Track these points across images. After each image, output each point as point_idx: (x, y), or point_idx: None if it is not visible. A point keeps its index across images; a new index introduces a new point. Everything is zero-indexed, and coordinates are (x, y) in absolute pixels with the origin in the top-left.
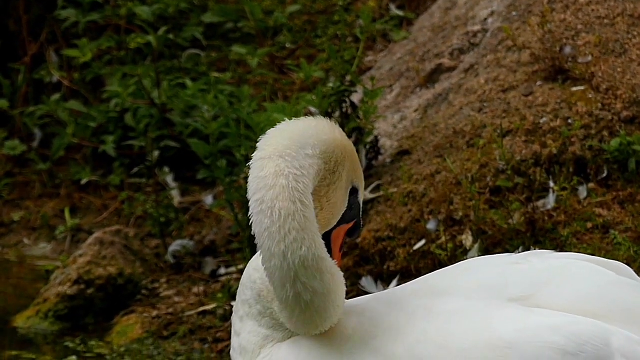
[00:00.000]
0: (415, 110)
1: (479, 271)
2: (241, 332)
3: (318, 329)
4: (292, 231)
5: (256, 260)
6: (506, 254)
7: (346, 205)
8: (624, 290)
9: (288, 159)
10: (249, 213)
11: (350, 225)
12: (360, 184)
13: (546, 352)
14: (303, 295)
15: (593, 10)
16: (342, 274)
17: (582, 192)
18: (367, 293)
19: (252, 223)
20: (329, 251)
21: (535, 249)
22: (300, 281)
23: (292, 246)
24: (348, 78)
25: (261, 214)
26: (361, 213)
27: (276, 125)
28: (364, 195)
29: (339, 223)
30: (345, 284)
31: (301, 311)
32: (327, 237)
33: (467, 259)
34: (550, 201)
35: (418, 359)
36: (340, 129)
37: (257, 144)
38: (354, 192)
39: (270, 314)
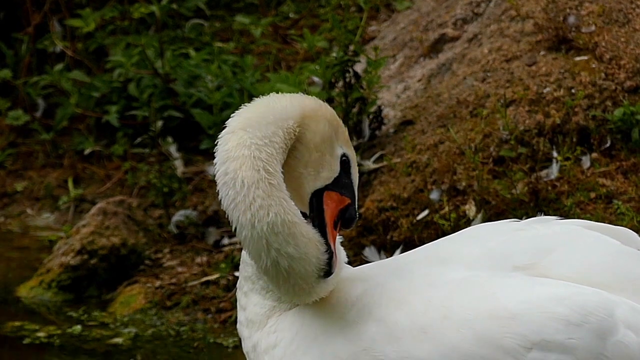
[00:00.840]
0: (419, 80)
1: (484, 239)
2: (247, 306)
3: (311, 296)
4: (257, 199)
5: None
6: (510, 220)
7: (337, 165)
8: (629, 260)
9: (250, 130)
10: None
11: (343, 204)
12: (350, 151)
13: (550, 322)
14: (280, 263)
15: None
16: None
17: (586, 162)
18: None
19: (220, 197)
20: (322, 215)
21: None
22: (274, 248)
23: (258, 214)
24: (351, 48)
25: (226, 185)
26: (356, 196)
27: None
28: (357, 169)
29: (333, 187)
30: (348, 253)
31: (284, 279)
32: (319, 203)
33: None
34: (554, 171)
35: (421, 329)
36: (318, 99)
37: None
38: (345, 163)
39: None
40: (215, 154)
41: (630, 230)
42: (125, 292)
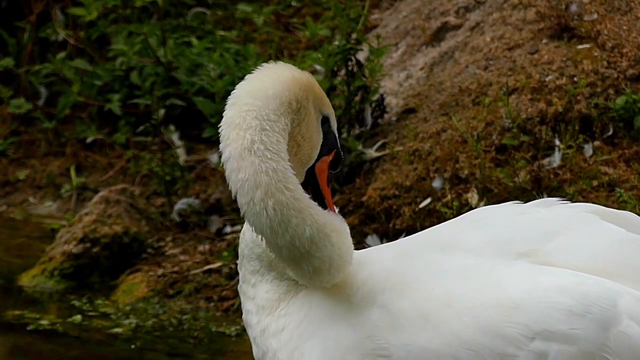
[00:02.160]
0: (421, 69)
1: (486, 224)
2: (256, 296)
3: (341, 276)
4: (292, 219)
5: (251, 233)
6: (513, 203)
7: (321, 135)
8: (633, 248)
9: (259, 153)
10: (242, 214)
11: (331, 157)
12: (329, 110)
13: (552, 312)
14: (322, 267)
15: None
16: (339, 217)
17: (588, 150)
18: None
19: (249, 223)
20: (317, 187)
21: None
22: (315, 257)
23: (296, 233)
24: (354, 36)
25: (257, 215)
26: (338, 142)
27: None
28: (335, 123)
29: (319, 156)
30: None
31: (324, 276)
32: (311, 173)
33: None
34: (556, 159)
35: (423, 317)
36: (290, 66)
37: (221, 131)
38: (325, 121)
39: (288, 276)
40: (229, 181)
41: (635, 215)
42: (127, 280)
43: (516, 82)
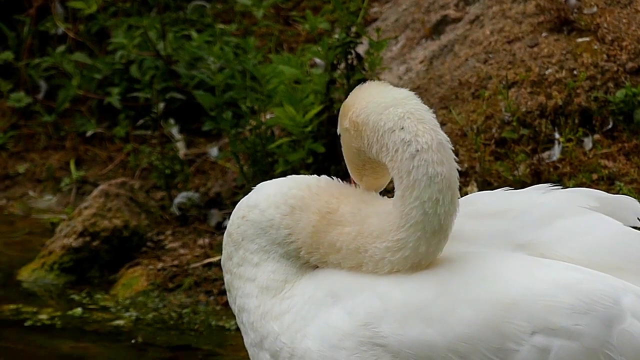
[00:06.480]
0: (421, 62)
1: (480, 211)
2: (257, 277)
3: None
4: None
5: (265, 201)
6: (507, 190)
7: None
8: (631, 240)
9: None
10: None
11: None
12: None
13: (555, 309)
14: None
15: None
16: None
17: (588, 143)
18: None
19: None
20: None
21: None
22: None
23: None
24: (353, 29)
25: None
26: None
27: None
28: None
29: None
30: None
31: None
32: None
33: None
34: (556, 152)
35: (415, 305)
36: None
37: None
38: None
39: (297, 254)
40: (423, 172)
41: (631, 198)
42: (127, 274)
43: (516, 75)
